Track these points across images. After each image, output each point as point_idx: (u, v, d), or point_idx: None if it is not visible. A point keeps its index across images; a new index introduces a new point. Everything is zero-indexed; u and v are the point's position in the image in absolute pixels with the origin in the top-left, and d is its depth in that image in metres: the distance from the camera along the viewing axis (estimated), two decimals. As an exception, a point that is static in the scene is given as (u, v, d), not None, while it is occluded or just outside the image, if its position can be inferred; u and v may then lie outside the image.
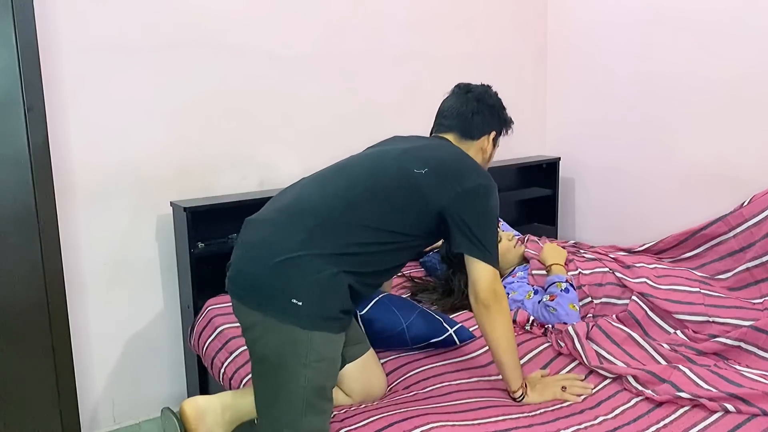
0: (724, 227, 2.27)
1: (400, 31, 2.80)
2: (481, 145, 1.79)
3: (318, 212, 1.54)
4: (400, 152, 1.67)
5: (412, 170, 1.59)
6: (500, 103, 1.83)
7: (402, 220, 1.57)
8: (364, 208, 1.55)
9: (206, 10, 2.33)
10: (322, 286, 1.46)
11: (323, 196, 1.58)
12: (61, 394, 2.01)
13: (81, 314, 2.24)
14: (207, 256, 2.32)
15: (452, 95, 1.84)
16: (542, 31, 3.27)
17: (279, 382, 1.48)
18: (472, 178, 1.61)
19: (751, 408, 1.55)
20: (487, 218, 1.62)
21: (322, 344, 1.47)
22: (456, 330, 1.93)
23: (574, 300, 2.07)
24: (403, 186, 1.58)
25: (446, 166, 1.62)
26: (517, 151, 3.23)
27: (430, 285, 2.39)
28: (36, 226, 1.91)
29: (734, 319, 1.96)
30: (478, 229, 1.58)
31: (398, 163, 1.63)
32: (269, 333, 1.47)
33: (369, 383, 1.71)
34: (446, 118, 1.81)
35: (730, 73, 2.58)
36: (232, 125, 2.45)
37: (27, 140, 1.86)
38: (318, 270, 1.46)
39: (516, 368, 1.66)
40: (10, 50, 1.80)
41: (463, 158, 1.69)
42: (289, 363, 1.46)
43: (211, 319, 2.16)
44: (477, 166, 1.68)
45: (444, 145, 1.75)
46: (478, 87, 1.84)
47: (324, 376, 1.49)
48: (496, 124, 1.81)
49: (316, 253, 1.47)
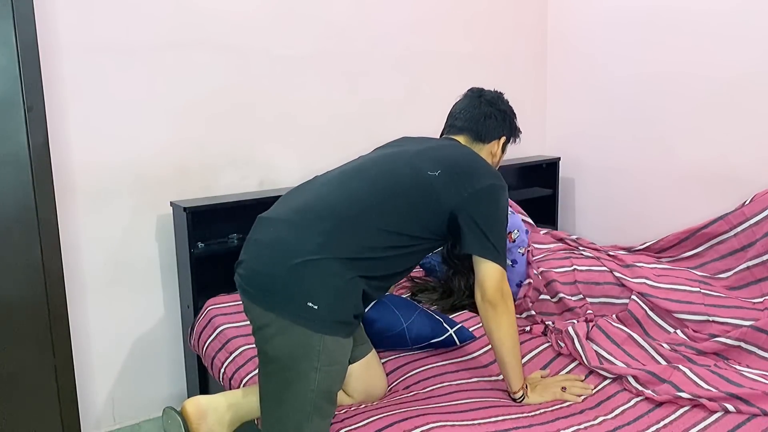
0: (725, 226, 2.27)
1: (400, 32, 2.80)
2: (491, 149, 1.81)
3: (337, 214, 1.53)
4: (413, 154, 1.67)
5: (426, 172, 1.60)
6: (512, 110, 1.85)
7: (417, 222, 1.57)
8: (381, 211, 1.55)
9: (206, 10, 2.33)
10: (338, 290, 1.47)
11: (341, 197, 1.57)
12: (61, 394, 2.01)
13: (81, 314, 2.24)
14: (207, 256, 2.32)
15: (465, 98, 1.85)
16: (542, 32, 3.27)
17: (288, 383, 1.47)
18: (484, 178, 1.62)
19: (751, 408, 1.55)
20: (498, 218, 1.63)
21: (334, 348, 1.47)
22: (456, 330, 1.93)
23: None
24: (417, 188, 1.58)
25: (459, 167, 1.63)
26: (517, 151, 3.20)
27: (429, 285, 2.39)
28: (36, 226, 1.91)
29: (734, 319, 1.96)
30: (488, 229, 1.59)
31: (412, 164, 1.63)
32: (282, 334, 1.45)
33: (371, 383, 1.72)
34: (458, 120, 1.82)
35: (730, 72, 2.58)
36: (232, 125, 2.45)
37: (27, 140, 1.86)
38: (335, 274, 1.46)
39: (518, 368, 1.66)
40: (10, 50, 1.80)
41: (475, 159, 1.70)
42: (300, 366, 1.45)
43: (211, 319, 2.16)
44: (489, 167, 1.70)
45: (455, 145, 1.76)
46: (491, 92, 1.85)
47: (333, 381, 1.50)
48: (507, 130, 1.83)
49: (335, 257, 1.47)
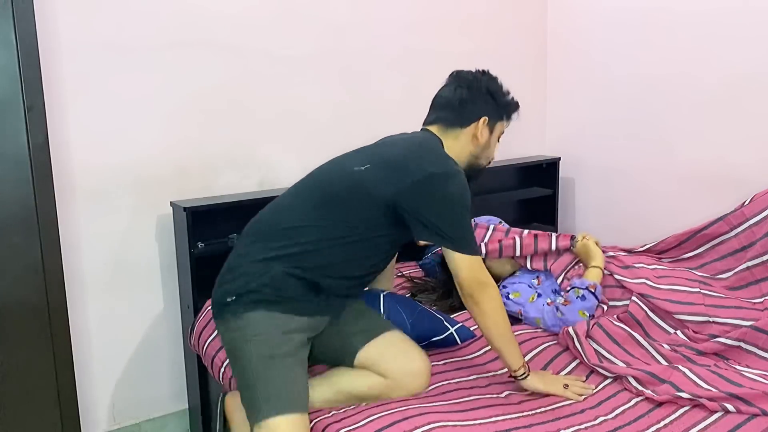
0: (725, 227, 2.26)
1: (400, 31, 2.80)
2: (472, 132, 1.76)
3: (258, 229, 1.72)
4: (351, 153, 1.76)
5: (352, 168, 1.66)
6: (496, 88, 1.79)
7: (345, 214, 1.63)
8: (295, 210, 1.68)
9: (206, 10, 2.33)
10: (248, 275, 1.62)
11: (269, 211, 1.75)
12: (61, 395, 2.01)
13: (81, 314, 2.24)
14: (207, 256, 2.31)
15: (445, 84, 1.84)
16: (542, 31, 3.27)
17: (238, 367, 1.60)
18: (421, 168, 1.59)
19: (751, 408, 1.55)
20: (448, 206, 1.59)
21: (259, 320, 1.58)
22: (457, 329, 1.93)
23: (586, 308, 1.99)
24: (341, 183, 1.66)
25: (391, 161, 1.65)
26: (517, 151, 3.23)
27: (429, 285, 2.39)
28: (36, 226, 1.91)
29: (734, 319, 1.95)
30: (440, 220, 1.57)
31: (340, 164, 1.73)
32: (222, 336, 1.67)
33: (401, 360, 1.68)
34: (434, 108, 1.82)
35: (730, 73, 2.58)
36: (232, 125, 2.45)
37: (27, 140, 1.86)
38: (246, 270, 1.64)
39: (513, 352, 1.66)
40: (10, 50, 1.81)
41: (417, 150, 1.68)
42: (237, 346, 1.60)
43: (211, 320, 2.15)
44: (433, 157, 1.66)
45: (406, 138, 1.78)
46: (470, 74, 1.81)
47: (269, 347, 1.57)
48: (490, 110, 1.77)
49: (249, 261, 1.65)
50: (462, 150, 1.76)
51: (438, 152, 1.70)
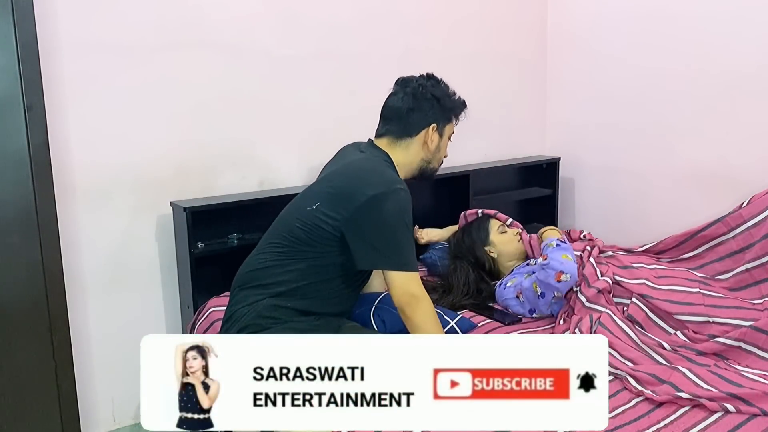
0: (723, 228, 2.26)
1: (399, 32, 2.80)
2: (422, 139, 1.81)
3: (241, 278, 1.77)
4: (306, 191, 1.82)
5: (305, 208, 1.72)
6: (441, 92, 1.82)
7: (311, 253, 1.68)
8: (267, 255, 1.73)
9: (206, 10, 2.33)
10: (242, 318, 1.68)
11: (250, 257, 1.82)
12: (61, 394, 2.01)
13: (81, 314, 2.24)
14: (207, 256, 2.32)
15: (392, 92, 1.87)
16: (542, 31, 3.27)
17: None
18: (360, 193, 1.64)
19: (751, 408, 1.55)
20: (387, 224, 1.63)
21: None
22: (457, 321, 1.94)
23: (567, 250, 2.06)
24: (300, 221, 1.71)
25: (336, 193, 1.70)
26: (517, 151, 3.23)
27: (429, 285, 2.38)
28: (36, 225, 1.91)
29: (734, 320, 1.95)
30: (379, 239, 1.62)
31: (296, 205, 1.79)
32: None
33: None
34: (383, 119, 1.85)
35: (730, 73, 2.58)
36: (232, 125, 2.45)
37: (27, 140, 1.86)
38: (239, 315, 1.70)
39: None
40: (10, 50, 1.81)
41: (357, 175, 1.73)
42: None
43: (213, 322, 2.15)
44: (374, 178, 1.69)
45: (347, 164, 1.80)
46: (415, 81, 1.83)
47: None
48: (438, 115, 1.81)
49: (239, 307, 1.71)
50: (414, 158, 1.82)
51: (380, 171, 1.73)
